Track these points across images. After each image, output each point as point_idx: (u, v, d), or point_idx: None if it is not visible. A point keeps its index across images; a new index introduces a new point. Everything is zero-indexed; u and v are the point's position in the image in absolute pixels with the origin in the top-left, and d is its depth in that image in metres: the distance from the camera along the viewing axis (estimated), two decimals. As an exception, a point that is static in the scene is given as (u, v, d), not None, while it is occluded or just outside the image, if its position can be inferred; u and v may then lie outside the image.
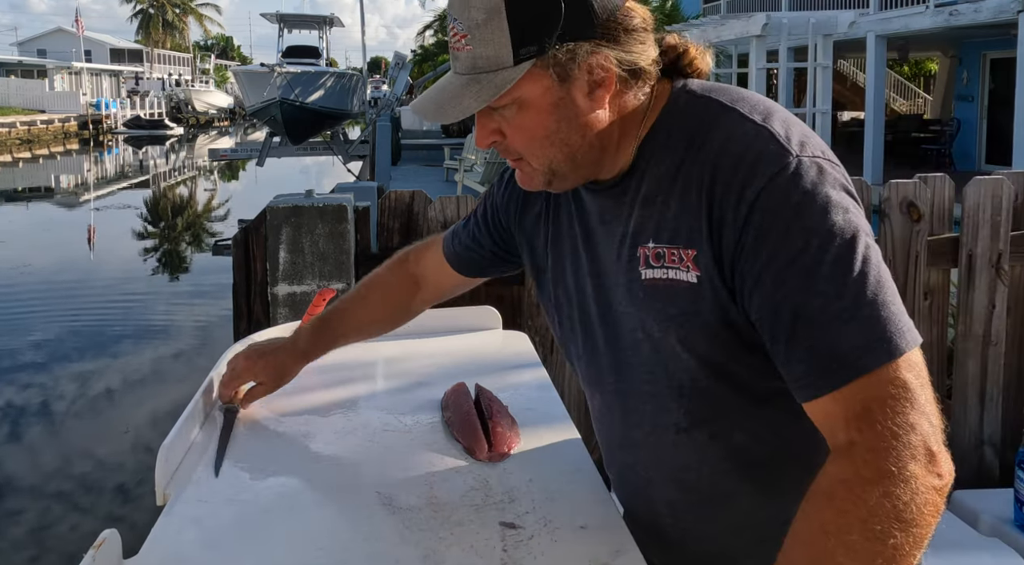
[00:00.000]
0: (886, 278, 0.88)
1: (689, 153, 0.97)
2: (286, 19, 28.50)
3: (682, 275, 0.98)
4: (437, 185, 16.61)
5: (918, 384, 0.85)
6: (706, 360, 1.00)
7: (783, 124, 0.95)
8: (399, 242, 2.78)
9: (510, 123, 1.00)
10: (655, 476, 1.12)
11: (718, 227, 0.93)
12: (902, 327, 0.86)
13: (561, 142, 0.99)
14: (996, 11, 11.36)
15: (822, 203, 0.89)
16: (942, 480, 0.83)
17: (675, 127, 1.01)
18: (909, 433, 0.82)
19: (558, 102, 0.97)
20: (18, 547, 4.64)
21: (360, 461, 1.24)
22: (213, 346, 8.00)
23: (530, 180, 1.05)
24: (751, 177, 0.91)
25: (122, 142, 42.79)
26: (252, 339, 1.71)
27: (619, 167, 1.04)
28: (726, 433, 1.05)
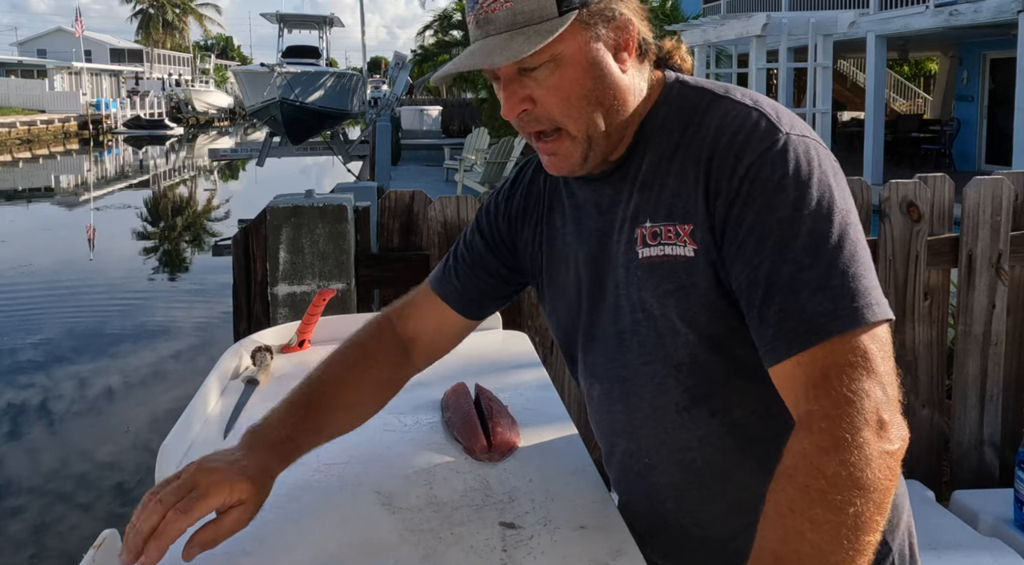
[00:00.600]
0: (862, 253, 0.92)
1: (685, 135, 1.01)
2: (286, 19, 28.48)
3: (679, 250, 1.00)
4: (437, 185, 16.62)
5: (879, 355, 0.88)
6: (705, 334, 1.02)
7: (773, 108, 1.00)
8: (399, 242, 2.78)
9: (544, 85, 0.99)
10: (656, 460, 1.12)
11: (713, 200, 0.97)
12: (871, 300, 0.89)
13: (598, 102, 1.00)
14: (996, 11, 11.36)
15: (806, 177, 0.93)
16: (893, 445, 0.84)
17: (671, 112, 1.04)
18: (863, 399, 0.84)
19: (594, 60, 0.99)
20: (18, 547, 4.64)
21: (360, 461, 1.24)
22: (213, 346, 8.00)
23: (567, 157, 1.04)
24: (744, 151, 0.95)
25: (122, 142, 42.78)
26: (253, 339, 1.71)
27: (620, 151, 1.07)
28: (725, 409, 1.06)
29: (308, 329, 1.74)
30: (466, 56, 1.00)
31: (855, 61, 21.89)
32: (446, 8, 28.59)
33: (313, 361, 1.68)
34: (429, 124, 29.07)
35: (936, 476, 2.91)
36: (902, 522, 1.12)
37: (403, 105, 27.06)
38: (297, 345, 1.74)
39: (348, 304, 2.69)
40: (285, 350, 1.73)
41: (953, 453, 2.97)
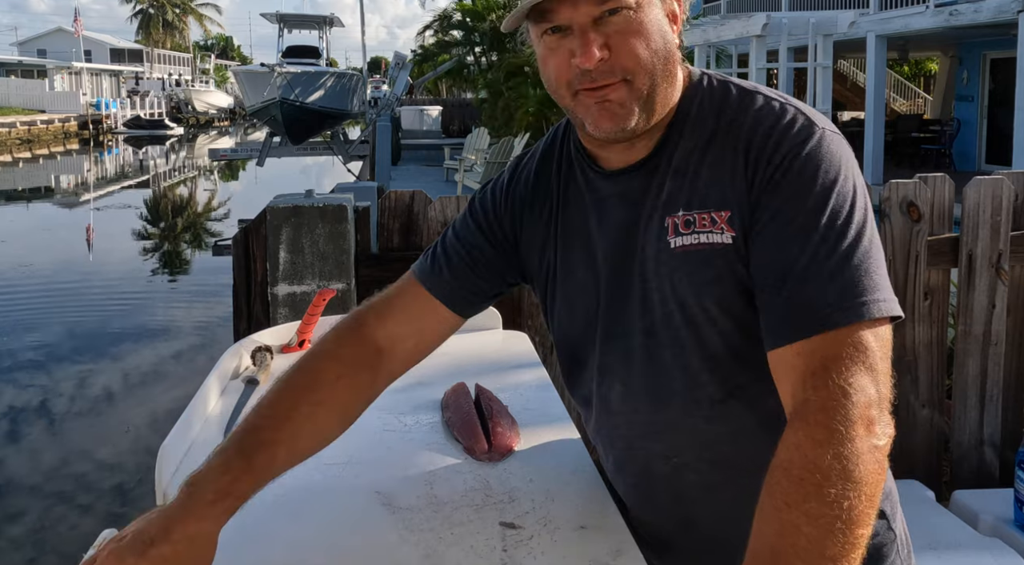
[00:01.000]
0: (876, 252, 0.94)
1: (721, 124, 1.02)
2: (286, 19, 28.48)
3: (716, 237, 0.99)
4: (437, 185, 16.62)
5: (879, 353, 0.89)
6: (742, 322, 1.01)
7: (801, 104, 1.02)
8: (399, 242, 2.78)
9: (622, 30, 0.98)
10: (688, 458, 1.09)
11: (750, 186, 0.98)
12: (878, 296, 0.91)
13: (663, 59, 1.00)
14: (996, 11, 11.36)
15: (836, 173, 0.95)
16: (880, 441, 0.85)
17: (704, 103, 1.05)
18: (858, 393, 0.85)
19: (658, 18, 1.00)
20: (18, 547, 4.64)
21: (360, 461, 1.24)
22: (213, 346, 8.00)
23: (619, 110, 1.00)
24: (782, 141, 0.97)
25: (122, 142, 42.77)
26: (253, 339, 1.71)
27: (655, 140, 1.05)
28: (760, 400, 1.03)
29: (308, 329, 1.74)
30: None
31: (855, 61, 21.89)
32: (446, 8, 28.58)
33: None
34: (429, 124, 29.07)
35: (936, 476, 2.91)
36: (898, 509, 1.14)
37: (403, 105, 27.04)
38: (297, 345, 1.74)
39: (348, 304, 2.69)
40: (285, 350, 1.73)
41: (953, 453, 2.97)
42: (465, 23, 26.78)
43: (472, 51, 27.27)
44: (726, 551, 1.06)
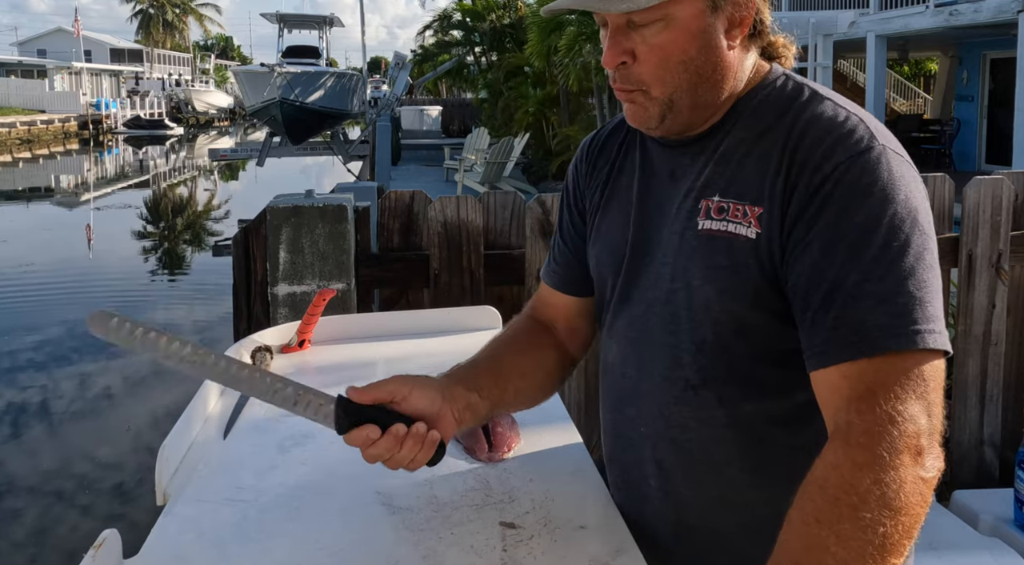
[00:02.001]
0: (934, 281, 0.90)
1: (777, 122, 1.01)
2: (286, 19, 28.49)
3: (742, 230, 0.99)
4: (437, 185, 16.63)
5: (931, 383, 0.86)
6: (738, 318, 1.01)
7: (872, 120, 0.99)
8: (399, 242, 2.78)
9: (649, 43, 1.00)
10: (651, 431, 1.11)
11: (791, 190, 0.96)
12: (933, 327, 0.88)
13: (694, 71, 1.01)
14: (996, 11, 11.36)
15: (892, 192, 0.92)
16: (928, 473, 0.83)
17: (769, 99, 1.04)
18: (907, 422, 0.83)
19: (705, 29, 1.00)
20: (18, 547, 4.64)
21: (360, 461, 1.24)
22: (213, 346, 7.97)
23: (643, 113, 1.05)
24: (834, 151, 0.95)
25: (122, 142, 42.76)
26: (253, 339, 1.71)
27: (710, 123, 1.06)
28: (734, 400, 1.04)
29: (308, 329, 1.74)
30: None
31: (855, 61, 21.88)
32: (446, 8, 28.58)
33: (313, 361, 1.69)
34: (429, 124, 29.08)
35: (936, 476, 2.91)
36: None
37: (403, 105, 27.04)
38: (297, 345, 1.74)
39: (348, 304, 2.69)
40: (285, 350, 1.73)
41: (953, 453, 2.97)
42: (465, 23, 26.78)
43: (472, 51, 27.28)
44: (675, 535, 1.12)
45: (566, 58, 14.57)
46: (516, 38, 23.20)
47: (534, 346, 1.24)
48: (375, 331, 1.82)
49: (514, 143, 15.84)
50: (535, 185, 16.81)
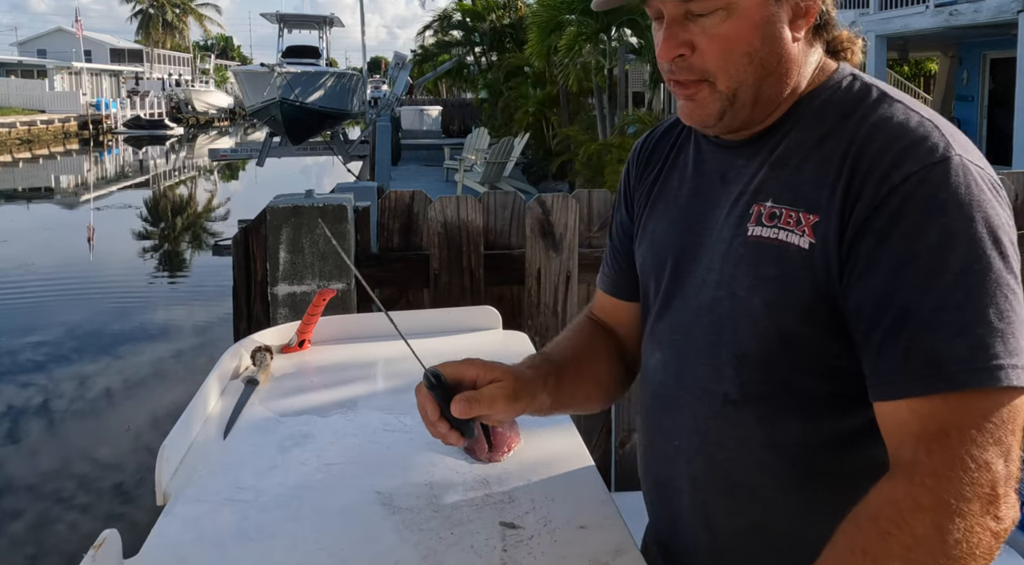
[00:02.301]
0: (1017, 310, 0.82)
1: (840, 124, 0.94)
2: (286, 19, 28.49)
3: (794, 238, 0.92)
4: (437, 185, 16.64)
5: (1010, 424, 0.79)
6: (786, 332, 0.93)
7: (948, 126, 0.91)
8: (399, 242, 2.78)
9: (710, 33, 0.93)
10: (687, 447, 1.04)
11: (853, 200, 0.88)
12: (1016, 362, 0.79)
13: (759, 63, 0.94)
14: (996, 11, 11.36)
15: (971, 210, 0.83)
16: (1001, 524, 0.77)
17: (833, 99, 0.97)
18: (981, 469, 0.77)
19: (769, 18, 0.93)
20: (18, 547, 4.64)
21: (360, 461, 1.24)
22: (213, 346, 8.00)
23: (703, 109, 0.98)
24: (903, 159, 0.86)
25: (122, 142, 42.78)
26: (253, 339, 1.71)
27: (765, 124, 1.00)
28: (775, 421, 0.97)
29: (308, 329, 1.74)
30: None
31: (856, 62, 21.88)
32: (446, 8, 28.59)
33: (313, 361, 1.69)
34: (429, 124, 29.09)
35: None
36: None
37: (403, 105, 27.04)
38: (297, 345, 1.74)
39: (348, 304, 2.69)
40: (285, 350, 1.73)
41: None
42: (465, 23, 26.79)
43: (472, 51, 27.29)
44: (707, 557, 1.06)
45: (566, 58, 14.57)
46: (516, 38, 23.21)
47: (604, 352, 1.20)
48: (375, 331, 1.82)
49: (514, 143, 15.85)
50: (535, 185, 16.81)
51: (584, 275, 2.84)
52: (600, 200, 2.87)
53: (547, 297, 2.83)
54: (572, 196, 2.84)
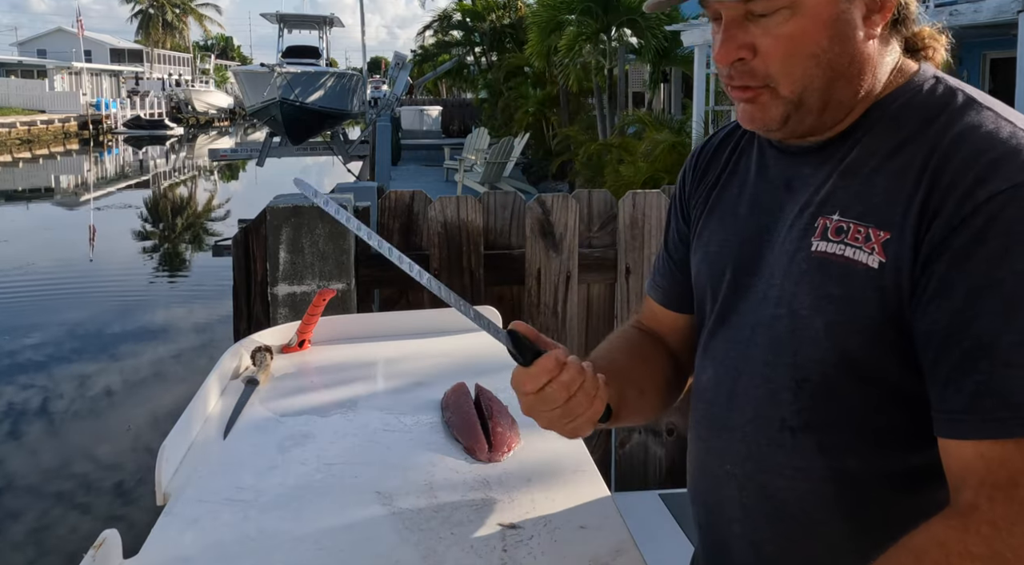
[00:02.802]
0: None
1: (920, 132, 0.85)
2: (286, 19, 28.49)
3: (862, 256, 0.84)
4: (437, 185, 16.65)
5: None
6: (850, 357, 0.86)
7: None
8: (399, 242, 2.78)
9: (773, 34, 0.86)
10: (740, 472, 0.98)
11: (930, 217, 0.80)
12: None
13: (828, 64, 0.87)
14: (996, 11, 11.36)
15: None
16: None
17: (913, 103, 0.89)
18: None
19: (838, 16, 0.86)
20: (18, 547, 4.64)
21: (360, 461, 1.24)
22: (213, 346, 8.00)
23: (765, 112, 0.90)
24: (990, 175, 0.78)
25: (122, 142, 42.78)
26: (253, 339, 1.71)
27: (836, 130, 0.92)
28: (838, 451, 0.90)
29: (308, 329, 1.74)
30: None
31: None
32: (446, 8, 28.60)
33: (313, 361, 1.69)
34: (429, 124, 29.11)
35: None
36: None
37: (403, 105, 27.05)
38: (297, 345, 1.74)
39: (348, 304, 2.69)
40: (285, 350, 1.73)
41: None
42: (465, 23, 26.81)
43: (472, 51, 27.31)
44: None
45: (566, 58, 14.58)
46: (516, 38, 23.23)
47: (654, 363, 1.14)
48: (375, 331, 1.82)
49: (514, 143, 15.85)
50: (535, 185, 16.82)
51: (584, 275, 2.84)
52: (600, 200, 2.87)
53: (547, 297, 2.83)
54: (572, 196, 2.84)
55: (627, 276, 2.86)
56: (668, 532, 2.24)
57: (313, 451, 1.27)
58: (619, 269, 2.86)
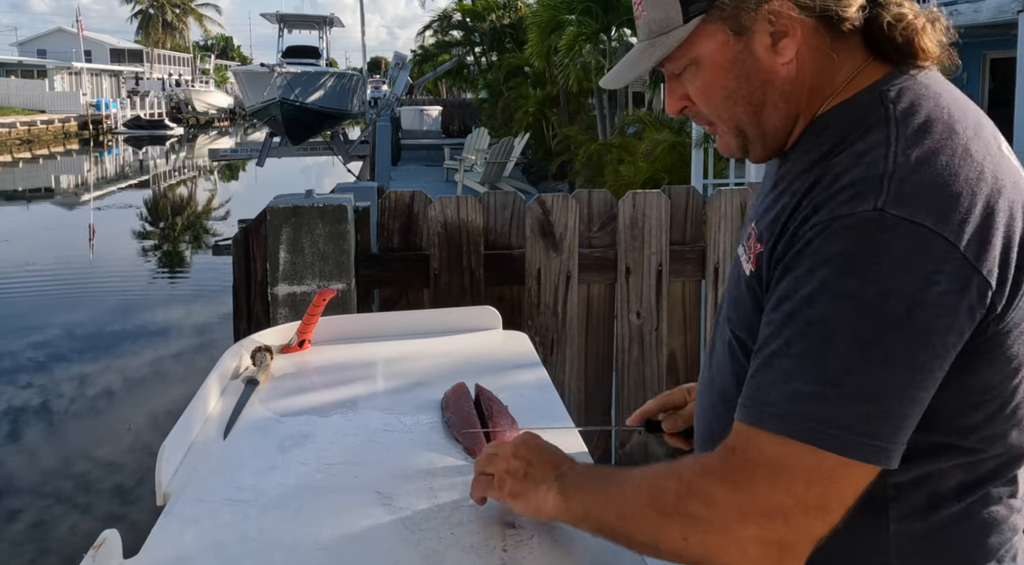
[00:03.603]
0: (876, 381, 0.79)
1: (831, 153, 0.89)
2: (286, 19, 28.52)
3: (745, 264, 0.95)
4: (437, 185, 16.65)
5: (782, 478, 0.81)
6: (744, 365, 0.92)
7: (918, 163, 0.83)
8: (399, 242, 2.78)
9: (692, 86, 0.97)
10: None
11: (788, 238, 0.87)
12: (834, 430, 0.79)
13: (744, 100, 0.94)
14: (996, 11, 11.36)
15: (855, 268, 0.79)
16: (689, 545, 0.85)
17: (841, 120, 0.91)
18: (735, 491, 0.83)
19: (736, 57, 0.93)
20: (18, 547, 4.64)
21: (360, 461, 1.24)
22: (213, 346, 8.00)
23: (726, 146, 1.01)
24: (823, 205, 0.84)
25: (122, 142, 42.79)
26: (253, 339, 1.71)
27: (790, 142, 0.97)
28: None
29: (308, 329, 1.74)
30: (616, 68, 1.05)
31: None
32: (446, 8, 28.60)
33: (313, 361, 1.69)
34: (429, 124, 29.12)
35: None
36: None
37: (403, 105, 27.05)
38: (297, 345, 1.74)
39: (348, 304, 2.69)
40: (285, 350, 1.73)
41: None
42: (465, 23, 26.81)
43: (472, 51, 27.31)
44: None
45: (566, 58, 14.58)
46: (516, 38, 23.22)
47: None
48: (375, 331, 1.82)
49: (514, 143, 15.85)
50: (535, 185, 16.82)
51: (584, 275, 2.84)
52: (600, 200, 2.87)
53: (547, 297, 2.83)
54: (572, 196, 2.84)
55: (627, 276, 2.87)
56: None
57: (313, 451, 1.27)
58: (619, 269, 2.86)
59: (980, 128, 0.89)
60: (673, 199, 2.87)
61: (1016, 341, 0.85)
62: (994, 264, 0.80)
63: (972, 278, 0.79)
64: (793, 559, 0.82)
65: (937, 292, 0.78)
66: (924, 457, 0.87)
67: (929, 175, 0.81)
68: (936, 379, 0.81)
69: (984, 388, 0.86)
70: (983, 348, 0.84)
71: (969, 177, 0.82)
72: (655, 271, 2.87)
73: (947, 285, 0.78)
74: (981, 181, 0.82)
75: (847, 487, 0.81)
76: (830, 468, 0.80)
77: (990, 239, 0.80)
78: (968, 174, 0.82)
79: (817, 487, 0.80)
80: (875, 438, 0.79)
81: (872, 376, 0.79)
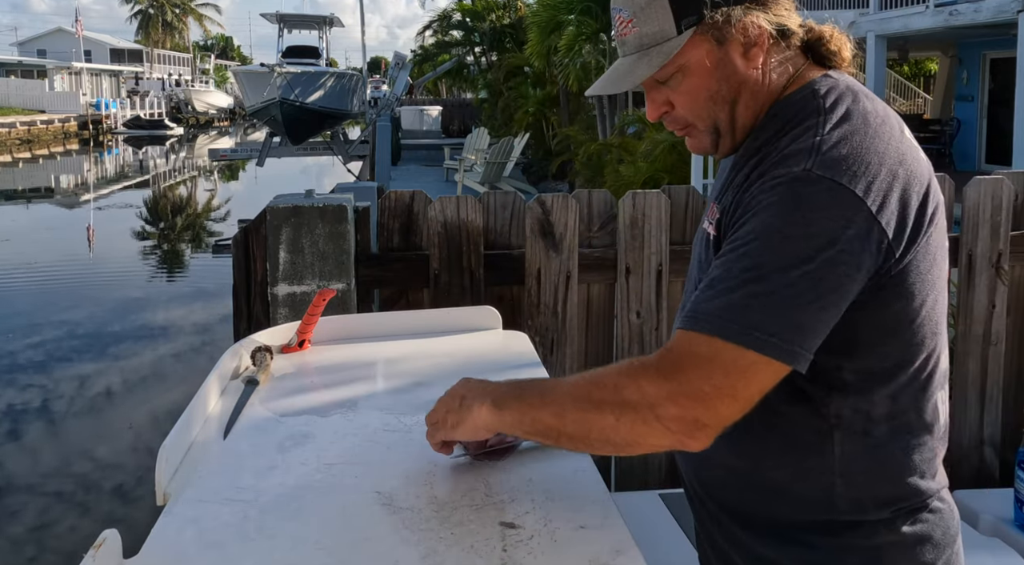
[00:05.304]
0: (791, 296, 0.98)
1: (775, 138, 1.09)
2: (286, 19, 28.52)
3: (708, 226, 1.16)
4: (437, 185, 16.65)
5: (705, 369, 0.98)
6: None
7: (839, 139, 1.04)
8: (399, 242, 2.78)
9: (677, 91, 1.14)
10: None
11: (738, 199, 1.09)
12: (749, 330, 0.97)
13: (723, 100, 1.13)
14: (996, 11, 11.35)
15: (786, 212, 1.00)
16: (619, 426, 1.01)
17: (784, 113, 1.12)
18: (659, 380, 1.00)
19: (718, 62, 1.11)
20: (18, 547, 4.64)
21: (360, 461, 1.24)
22: (213, 346, 8.01)
23: (699, 143, 1.19)
24: (769, 170, 1.05)
25: (122, 142, 42.80)
26: (253, 339, 1.71)
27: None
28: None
29: (308, 329, 1.74)
30: (605, 78, 1.17)
31: (855, 61, 21.87)
32: (446, 8, 28.59)
33: (313, 361, 1.69)
34: (429, 124, 29.13)
35: (936, 476, 2.91)
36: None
37: (403, 105, 27.05)
38: (297, 345, 1.74)
39: (348, 304, 2.69)
40: (285, 350, 1.73)
41: (953, 453, 2.97)
42: (465, 23, 26.81)
43: (472, 51, 27.31)
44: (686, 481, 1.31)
45: (566, 58, 14.58)
46: (516, 38, 23.22)
47: None
48: (375, 331, 1.82)
49: (514, 143, 15.86)
50: (535, 185, 16.82)
51: (584, 275, 2.84)
52: (600, 200, 2.87)
53: (547, 297, 2.82)
54: (572, 196, 2.84)
55: (627, 276, 2.86)
56: (668, 532, 2.23)
57: (313, 451, 1.27)
58: (619, 269, 2.86)
59: (887, 116, 1.12)
60: (673, 199, 2.87)
61: (917, 280, 1.08)
62: (892, 217, 1.02)
63: (874, 227, 1.01)
64: (705, 436, 0.99)
65: (848, 235, 0.99)
66: (856, 388, 1.09)
67: (847, 148, 1.03)
68: (843, 300, 1.01)
69: (896, 319, 1.08)
70: (888, 284, 1.05)
71: (878, 151, 1.04)
72: (655, 271, 2.86)
73: (855, 230, 0.99)
74: (886, 155, 1.04)
75: (755, 382, 0.99)
76: (747, 364, 0.98)
77: (890, 198, 1.02)
78: (877, 149, 1.04)
79: (732, 378, 0.98)
80: (788, 342, 0.98)
81: (792, 293, 0.98)
